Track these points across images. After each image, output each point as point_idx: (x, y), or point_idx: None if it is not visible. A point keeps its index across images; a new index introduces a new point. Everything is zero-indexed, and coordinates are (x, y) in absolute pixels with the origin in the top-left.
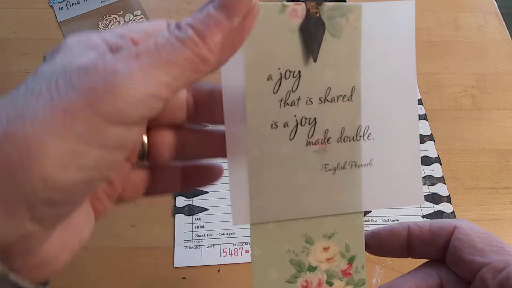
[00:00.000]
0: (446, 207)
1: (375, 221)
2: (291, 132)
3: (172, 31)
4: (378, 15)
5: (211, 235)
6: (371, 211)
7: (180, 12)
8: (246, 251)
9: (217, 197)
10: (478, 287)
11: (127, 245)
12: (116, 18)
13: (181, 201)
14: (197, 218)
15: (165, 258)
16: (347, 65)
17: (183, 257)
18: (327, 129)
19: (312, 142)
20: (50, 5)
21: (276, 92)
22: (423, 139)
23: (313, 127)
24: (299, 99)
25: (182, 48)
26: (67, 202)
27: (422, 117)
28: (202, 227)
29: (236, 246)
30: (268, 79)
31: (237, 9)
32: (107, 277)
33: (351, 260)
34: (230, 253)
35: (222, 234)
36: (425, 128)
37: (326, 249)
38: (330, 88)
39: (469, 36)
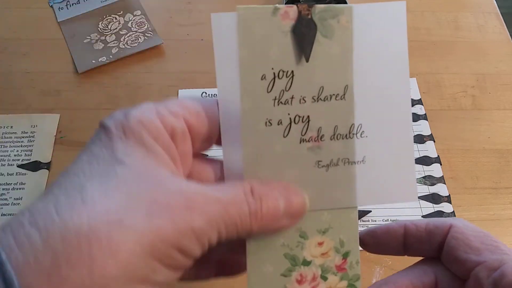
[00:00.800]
0: (446, 207)
1: (375, 221)
2: (285, 130)
3: (247, 194)
4: (370, 15)
5: None
6: (371, 211)
7: (180, 12)
8: None
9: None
10: (473, 286)
11: None
12: (116, 18)
13: None
14: None
15: None
16: (339, 65)
17: None
18: (320, 127)
19: (305, 140)
20: (50, 5)
21: (270, 91)
22: (423, 139)
23: (306, 125)
24: (292, 98)
25: (247, 217)
26: None
27: (422, 117)
28: None
29: None
30: (262, 79)
31: (296, 217)
32: None
33: (345, 256)
34: None
35: None
36: (425, 128)
37: (320, 244)
38: (323, 87)
39: (469, 36)
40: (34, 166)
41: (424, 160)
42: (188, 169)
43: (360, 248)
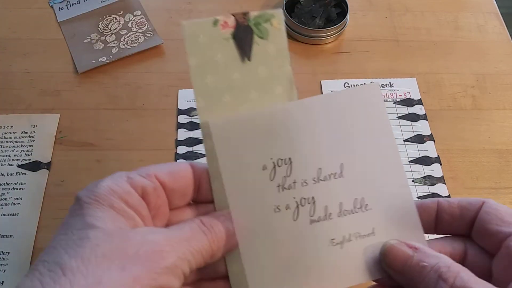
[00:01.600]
0: None
1: None
2: (294, 214)
3: (200, 226)
4: (348, 101)
5: None
6: None
7: (180, 12)
8: None
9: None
10: (504, 255)
11: None
12: (116, 18)
13: None
14: None
15: None
16: (278, 60)
17: None
18: (326, 206)
19: (315, 220)
20: (50, 5)
21: (273, 179)
22: (423, 139)
23: (313, 206)
24: (294, 182)
25: (206, 243)
26: None
27: (422, 117)
28: None
29: None
30: (263, 169)
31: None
32: None
33: None
34: None
35: None
36: (425, 128)
37: None
38: (320, 168)
39: (469, 36)
40: (34, 166)
41: (424, 160)
42: (166, 218)
43: None
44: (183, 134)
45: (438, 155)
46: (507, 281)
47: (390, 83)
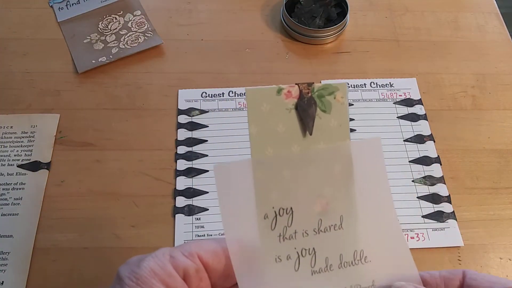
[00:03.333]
0: (446, 207)
1: None
2: (295, 264)
3: None
4: (356, 150)
5: (211, 235)
6: None
7: (180, 12)
8: None
9: (217, 197)
10: None
11: (127, 245)
12: (116, 18)
13: (181, 201)
14: (197, 218)
15: None
16: (338, 136)
17: None
18: (327, 257)
19: (316, 271)
20: (50, 5)
21: (274, 229)
22: (423, 139)
23: (313, 257)
24: (295, 232)
25: None
26: None
27: (422, 117)
28: (202, 227)
29: None
30: (264, 218)
31: None
32: (107, 277)
33: None
34: None
35: (222, 234)
36: (425, 128)
37: None
38: (321, 219)
39: (469, 36)
40: (34, 166)
41: (424, 160)
42: None
43: None
44: (183, 134)
45: (438, 155)
46: None
47: (390, 83)
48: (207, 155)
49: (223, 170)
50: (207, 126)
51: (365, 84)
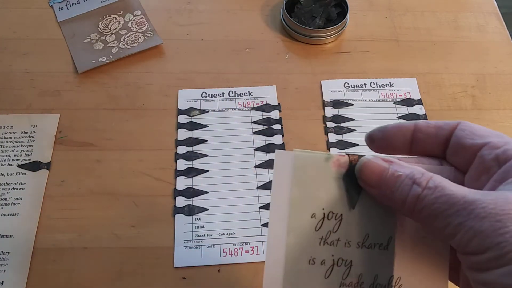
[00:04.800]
0: None
1: None
2: (327, 271)
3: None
4: None
5: (211, 235)
6: None
7: (180, 12)
8: (246, 251)
9: (217, 197)
10: (476, 166)
11: (127, 245)
12: (116, 18)
13: (181, 201)
14: (197, 218)
15: (165, 258)
16: (385, 215)
17: (183, 257)
18: (361, 274)
19: (345, 284)
20: (50, 5)
21: (318, 230)
22: None
23: (348, 269)
24: (338, 240)
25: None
26: None
27: (422, 117)
28: (202, 227)
29: (236, 246)
30: (311, 217)
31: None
32: (107, 277)
33: None
34: (230, 253)
35: (222, 234)
36: None
37: None
38: (368, 234)
39: (469, 36)
40: (34, 166)
41: None
42: None
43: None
44: (183, 134)
45: None
46: (478, 189)
47: (390, 83)
48: (207, 155)
49: (283, 157)
50: (207, 126)
51: (365, 84)
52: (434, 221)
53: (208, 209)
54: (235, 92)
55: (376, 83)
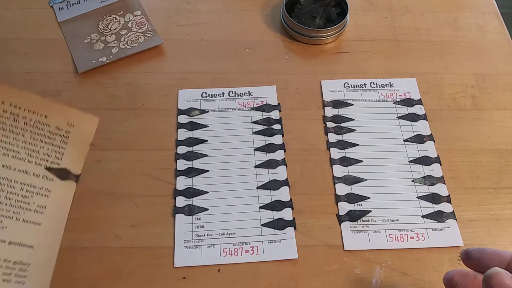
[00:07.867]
0: (446, 207)
1: (375, 221)
2: None
3: None
4: None
5: (211, 235)
6: (370, 211)
7: (180, 12)
8: (246, 251)
9: (217, 197)
10: None
11: (127, 245)
12: (116, 18)
13: (181, 201)
14: (197, 218)
15: (165, 258)
16: None
17: (183, 257)
18: None
19: None
20: (50, 5)
21: None
22: (423, 139)
23: None
24: None
25: None
26: None
27: (422, 117)
28: (202, 227)
29: (236, 246)
30: None
31: None
32: (107, 277)
33: None
34: (230, 253)
35: (222, 234)
36: (425, 128)
37: None
38: None
39: (469, 36)
40: (63, 174)
41: (424, 160)
42: None
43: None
44: (183, 134)
45: (438, 155)
46: None
47: (390, 83)
48: (207, 155)
49: None
50: (207, 126)
51: (365, 84)
52: None
53: (208, 209)
54: (235, 92)
55: (376, 83)
